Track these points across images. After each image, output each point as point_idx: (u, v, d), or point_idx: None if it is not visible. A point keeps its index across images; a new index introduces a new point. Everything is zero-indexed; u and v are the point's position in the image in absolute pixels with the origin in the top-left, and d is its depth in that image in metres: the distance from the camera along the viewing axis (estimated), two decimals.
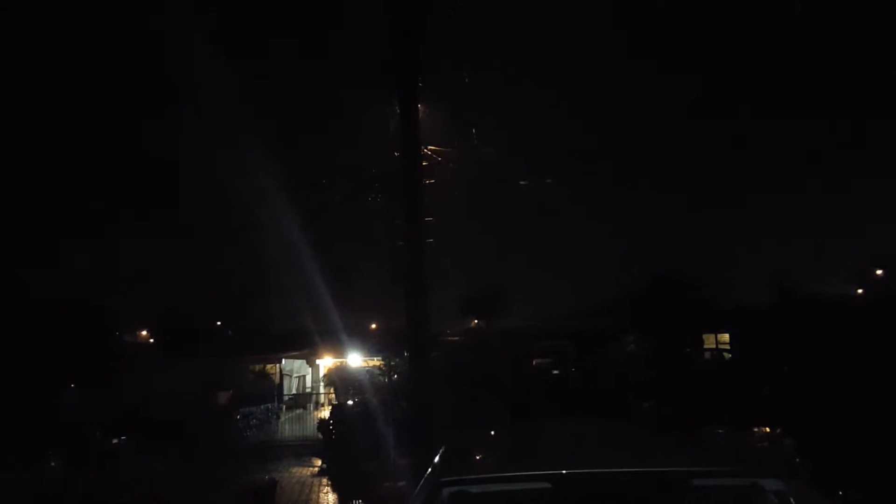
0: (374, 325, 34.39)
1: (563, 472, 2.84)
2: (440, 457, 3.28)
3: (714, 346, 22.77)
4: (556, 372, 20.94)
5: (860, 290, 28.35)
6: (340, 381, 25.85)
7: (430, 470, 3.11)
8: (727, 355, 21.10)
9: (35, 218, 50.12)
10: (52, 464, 15.22)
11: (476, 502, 3.14)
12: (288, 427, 25.23)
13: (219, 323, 40.58)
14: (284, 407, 29.03)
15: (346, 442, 15.30)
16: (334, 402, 23.91)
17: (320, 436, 18.05)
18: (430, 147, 11.36)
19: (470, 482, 2.97)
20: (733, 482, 2.98)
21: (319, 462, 16.91)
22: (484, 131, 12.30)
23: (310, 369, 35.73)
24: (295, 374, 34.19)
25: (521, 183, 13.58)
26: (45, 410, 17.89)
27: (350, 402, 20.63)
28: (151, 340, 41.38)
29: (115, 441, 18.36)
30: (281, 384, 31.28)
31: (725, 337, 22.84)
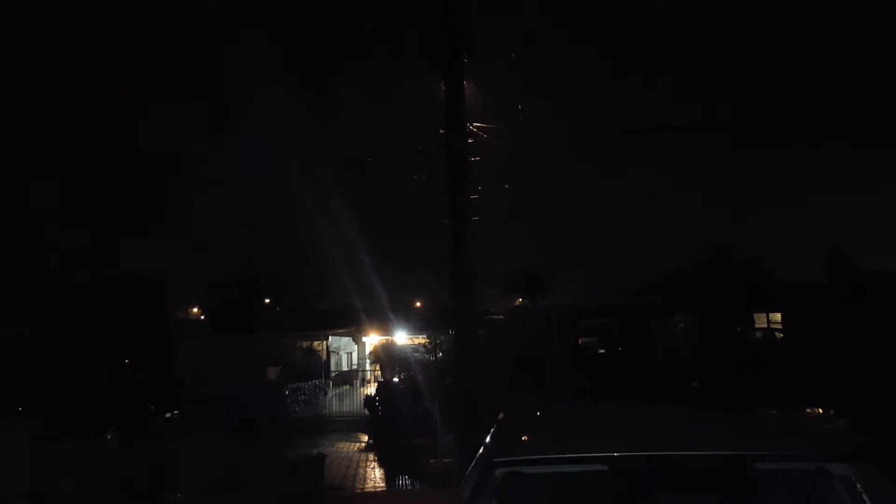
0: (419, 304, 34.52)
1: (621, 454, 2.77)
2: (492, 436, 3.22)
3: (766, 325, 22.22)
4: (602, 351, 20.72)
5: None
6: (386, 358, 26.10)
7: (481, 449, 3.05)
8: (779, 335, 20.59)
9: (91, 197, 51.44)
10: (109, 436, 15.70)
11: (530, 484, 3.08)
12: (335, 403, 25.60)
13: (267, 301, 41.22)
14: (331, 383, 29.47)
15: (392, 418, 15.44)
16: (380, 379, 24.15)
17: (367, 412, 18.27)
18: (475, 124, 11.24)
19: (523, 463, 2.92)
20: (798, 466, 2.86)
21: (366, 438, 17.12)
22: (531, 108, 12.12)
23: (356, 346, 36.12)
24: (342, 351, 34.63)
25: None
26: (102, 384, 18.46)
27: (396, 379, 20.83)
28: (202, 317, 42.27)
29: (168, 415, 18.87)
30: (328, 360, 31.73)
31: (777, 316, 22.26)
